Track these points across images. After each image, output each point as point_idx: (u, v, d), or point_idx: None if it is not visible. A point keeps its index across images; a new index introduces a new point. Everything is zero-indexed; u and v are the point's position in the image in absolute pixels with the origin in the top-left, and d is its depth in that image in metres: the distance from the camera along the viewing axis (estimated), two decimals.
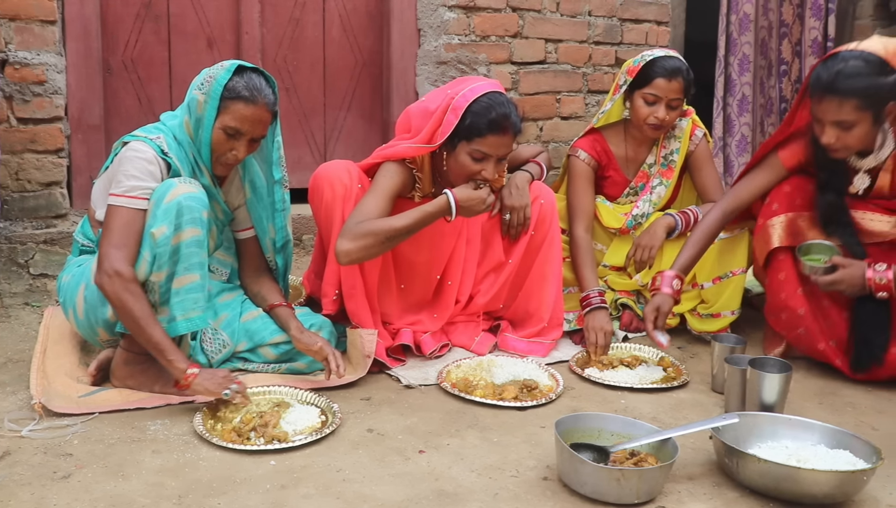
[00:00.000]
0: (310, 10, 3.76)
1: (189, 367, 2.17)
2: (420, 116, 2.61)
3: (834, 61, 2.42)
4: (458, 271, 2.80)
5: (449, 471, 1.98)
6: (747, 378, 2.31)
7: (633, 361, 2.74)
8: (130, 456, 1.99)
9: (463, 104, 2.48)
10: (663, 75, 2.97)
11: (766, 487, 1.87)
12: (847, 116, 2.40)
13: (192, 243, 2.21)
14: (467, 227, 2.79)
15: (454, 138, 2.51)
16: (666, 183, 3.19)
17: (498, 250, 2.85)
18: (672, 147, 3.19)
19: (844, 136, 2.44)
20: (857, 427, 2.30)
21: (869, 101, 2.38)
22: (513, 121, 2.50)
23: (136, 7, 3.43)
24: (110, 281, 2.16)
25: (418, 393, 2.47)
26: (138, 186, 2.23)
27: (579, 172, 3.15)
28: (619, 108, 3.20)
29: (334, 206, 2.61)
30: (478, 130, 2.47)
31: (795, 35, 4.88)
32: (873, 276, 2.49)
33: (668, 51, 3.08)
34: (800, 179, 2.71)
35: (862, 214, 2.62)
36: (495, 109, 2.47)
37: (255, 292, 2.59)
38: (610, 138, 3.21)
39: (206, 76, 2.33)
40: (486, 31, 4.02)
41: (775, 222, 2.69)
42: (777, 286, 2.72)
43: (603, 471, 1.84)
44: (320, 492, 1.86)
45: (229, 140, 2.33)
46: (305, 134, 3.87)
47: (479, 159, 2.51)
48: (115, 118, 3.44)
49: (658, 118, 3.00)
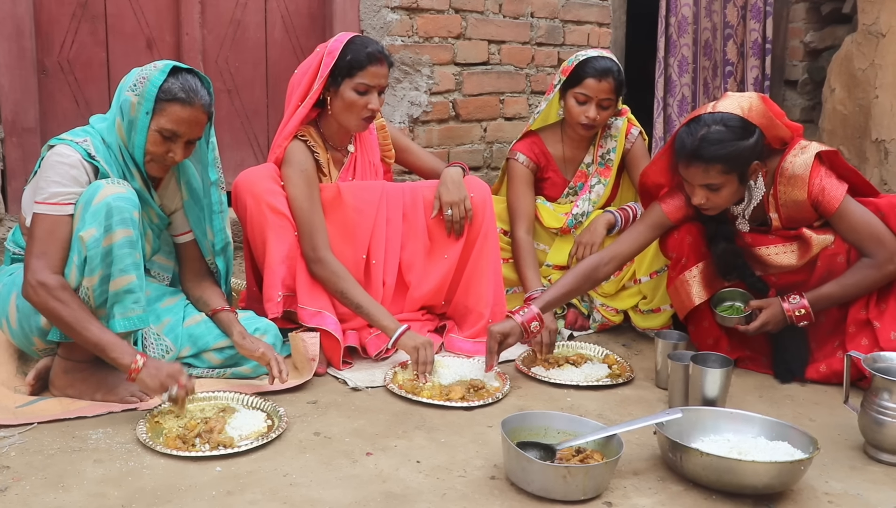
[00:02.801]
0: (251, 11, 3.73)
1: (133, 361, 2.12)
2: (300, 78, 2.76)
3: (697, 126, 2.47)
4: (381, 251, 2.81)
5: (396, 473, 1.98)
6: (690, 374, 2.35)
7: (579, 359, 2.77)
8: (71, 467, 1.94)
9: (338, 46, 2.69)
10: (594, 75, 3.01)
11: (709, 480, 1.91)
12: (713, 179, 2.47)
13: (125, 244, 2.17)
14: (386, 206, 2.83)
15: (336, 79, 2.69)
16: (604, 182, 3.23)
17: (440, 246, 2.87)
18: (609, 146, 3.23)
19: (713, 196, 2.52)
20: (795, 419, 2.36)
21: (733, 164, 2.46)
22: (386, 53, 2.74)
23: (72, 7, 3.35)
24: (35, 292, 2.12)
25: (365, 395, 2.46)
26: (60, 193, 2.18)
27: (518, 174, 3.18)
28: (555, 108, 3.24)
29: (261, 213, 2.66)
30: (359, 63, 2.67)
31: (740, 36, 4.98)
32: (791, 309, 2.56)
33: (601, 51, 3.12)
34: (696, 229, 2.71)
35: (766, 249, 2.66)
36: (370, 45, 2.71)
37: (196, 296, 2.55)
38: (547, 140, 3.25)
39: (139, 77, 2.27)
40: (429, 33, 4.02)
41: (688, 278, 2.72)
42: (704, 333, 2.78)
43: (549, 469, 1.86)
44: (267, 497, 1.84)
45: (165, 142, 2.29)
46: (248, 136, 3.83)
47: (363, 92, 2.68)
48: (52, 121, 3.36)
49: (589, 117, 3.04)
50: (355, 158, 2.90)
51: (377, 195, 2.82)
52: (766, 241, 2.67)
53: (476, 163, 4.30)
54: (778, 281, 2.68)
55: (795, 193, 2.57)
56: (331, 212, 2.76)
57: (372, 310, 2.63)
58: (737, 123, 2.46)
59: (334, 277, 2.65)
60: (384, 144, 3.02)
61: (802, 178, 2.54)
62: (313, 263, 2.67)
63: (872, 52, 4.11)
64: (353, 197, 2.79)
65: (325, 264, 2.66)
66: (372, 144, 2.97)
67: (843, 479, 2.03)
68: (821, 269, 2.62)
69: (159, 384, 2.14)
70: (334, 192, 2.76)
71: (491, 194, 2.95)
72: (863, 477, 2.05)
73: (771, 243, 2.66)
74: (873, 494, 1.96)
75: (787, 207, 2.61)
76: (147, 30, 3.51)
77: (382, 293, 2.82)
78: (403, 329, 2.58)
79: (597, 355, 2.82)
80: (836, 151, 2.61)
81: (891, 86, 4.00)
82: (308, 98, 2.70)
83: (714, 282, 2.71)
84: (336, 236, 2.75)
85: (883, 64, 4.06)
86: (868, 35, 4.11)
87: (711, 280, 2.71)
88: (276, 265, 2.65)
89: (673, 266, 2.78)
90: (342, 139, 2.85)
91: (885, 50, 3.94)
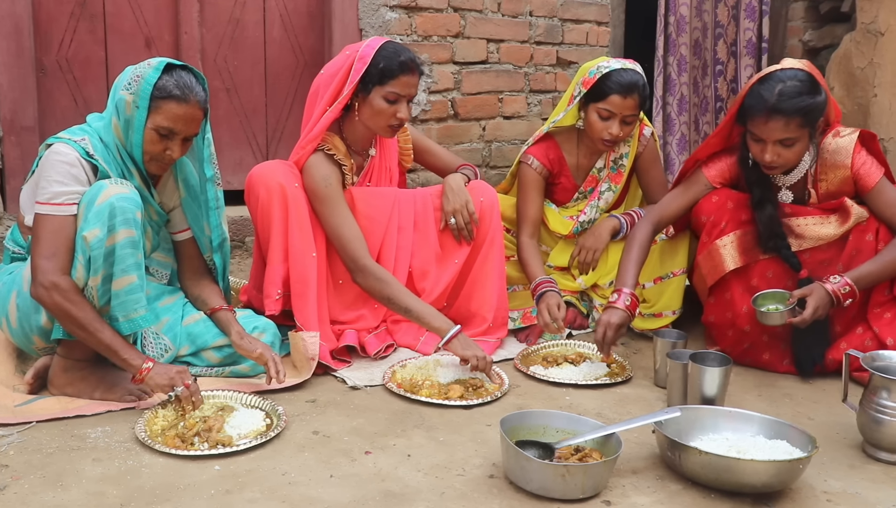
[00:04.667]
0: (250, 9, 3.72)
1: (144, 362, 2.17)
2: (328, 80, 2.72)
3: (772, 82, 2.52)
4: (392, 260, 2.80)
5: (395, 472, 1.98)
6: (688, 373, 2.35)
7: (578, 358, 2.77)
8: (70, 465, 1.94)
9: (370, 52, 2.65)
10: (619, 92, 2.88)
11: (707, 478, 1.91)
12: (792, 133, 2.51)
13: (127, 245, 2.17)
14: (398, 214, 2.82)
15: (367, 85, 2.65)
16: (615, 188, 3.18)
17: (450, 253, 2.87)
18: (622, 151, 3.17)
19: (785, 152, 2.55)
20: (793, 418, 2.36)
21: (810, 117, 2.51)
22: (418, 62, 2.71)
23: (71, 5, 3.35)
24: (48, 294, 2.12)
25: (364, 394, 2.46)
26: (63, 192, 2.18)
27: (530, 179, 3.12)
28: (572, 116, 3.12)
29: (270, 206, 2.64)
30: (390, 71, 2.64)
31: (731, 36, 4.98)
32: (836, 289, 2.55)
33: (624, 62, 2.96)
34: (738, 195, 2.75)
35: (805, 220, 2.69)
36: (402, 53, 2.67)
37: (195, 295, 2.55)
38: (563, 145, 3.16)
39: (133, 75, 2.26)
40: (427, 32, 4.02)
41: (726, 242, 2.72)
42: (724, 306, 2.76)
43: (548, 468, 1.86)
44: (266, 496, 1.84)
45: (163, 140, 2.28)
46: (247, 135, 3.83)
47: (393, 101, 2.66)
48: (51, 119, 3.36)
49: (612, 134, 2.93)
50: (374, 163, 2.88)
51: (389, 203, 2.81)
52: (805, 212, 2.71)
53: (474, 162, 4.30)
54: (809, 258, 2.69)
55: (838, 167, 2.67)
56: None
57: (422, 312, 2.62)
58: (808, 79, 2.52)
59: (379, 283, 2.64)
60: (404, 147, 3.00)
61: (847, 150, 2.65)
62: (356, 273, 2.67)
63: (871, 50, 4.11)
64: (366, 204, 2.78)
65: (367, 272, 2.65)
66: (392, 148, 2.96)
67: (841, 478, 2.03)
68: (850, 246, 2.67)
69: (168, 380, 2.18)
70: (347, 198, 2.75)
71: (498, 199, 2.93)
72: (861, 476, 2.05)
73: (810, 215, 2.70)
74: (872, 493, 1.96)
75: (828, 181, 2.69)
76: (146, 29, 3.51)
77: None
78: (455, 331, 2.55)
79: (596, 353, 2.82)
80: (874, 135, 2.72)
81: (889, 84, 4.00)
82: (337, 102, 2.67)
83: (750, 251, 2.71)
84: None
85: (881, 63, 4.06)
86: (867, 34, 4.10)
87: (747, 249, 2.71)
88: (278, 263, 2.65)
89: (708, 231, 2.76)
90: (365, 143, 2.83)
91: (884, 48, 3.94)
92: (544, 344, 2.89)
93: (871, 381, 2.15)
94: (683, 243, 2.99)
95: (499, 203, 2.92)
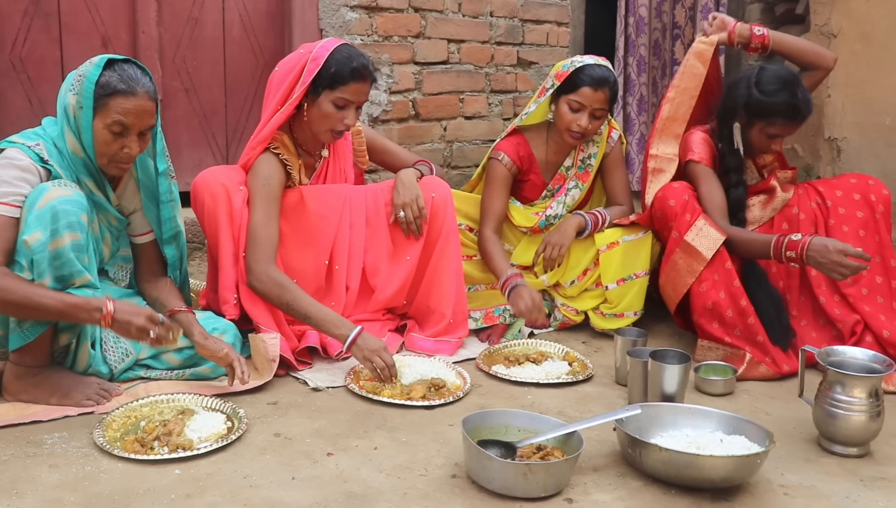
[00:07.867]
0: (209, 9, 3.69)
1: (102, 306, 2.10)
2: (281, 78, 2.69)
3: (797, 88, 2.78)
4: (345, 256, 2.79)
5: (358, 473, 1.97)
6: (649, 370, 2.37)
7: (539, 356, 2.78)
8: (25, 472, 1.91)
9: (323, 54, 2.62)
10: (590, 84, 2.93)
11: (668, 474, 1.94)
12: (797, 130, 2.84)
13: (73, 248, 2.12)
14: (349, 211, 2.81)
15: (317, 88, 2.62)
16: (581, 187, 3.21)
17: (402, 248, 2.86)
18: (590, 151, 3.20)
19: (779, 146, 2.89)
20: (751, 413, 2.40)
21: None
22: (371, 70, 2.67)
23: (24, 3, 3.29)
24: None
25: (326, 395, 2.45)
26: (10, 193, 2.13)
27: (498, 175, 3.12)
28: (543, 110, 3.16)
29: (217, 211, 2.63)
30: (341, 77, 2.60)
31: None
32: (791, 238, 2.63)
33: (598, 59, 3.03)
34: (688, 186, 2.89)
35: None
36: (356, 59, 2.63)
37: (154, 297, 2.52)
38: (532, 141, 3.18)
39: (76, 76, 2.22)
40: (388, 32, 4.01)
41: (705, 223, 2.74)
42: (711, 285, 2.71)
43: (510, 466, 1.87)
44: (227, 500, 1.83)
45: (117, 138, 2.23)
46: (206, 135, 3.79)
47: (342, 107, 2.64)
48: (4, 120, 3.29)
49: (581, 126, 2.97)
50: (328, 164, 2.87)
51: (341, 200, 2.80)
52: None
53: (436, 162, 4.29)
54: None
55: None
56: (293, 217, 2.73)
57: (321, 319, 2.53)
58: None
59: (277, 288, 2.55)
60: (359, 149, 2.99)
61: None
62: (251, 275, 2.58)
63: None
64: (317, 202, 2.76)
65: (265, 276, 2.56)
66: (346, 149, 2.95)
67: (798, 471, 2.06)
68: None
69: (144, 321, 2.13)
70: (297, 197, 2.74)
71: (452, 195, 2.93)
72: (817, 469, 2.09)
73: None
74: (826, 485, 2.00)
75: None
76: (102, 28, 3.46)
77: (346, 298, 2.81)
78: (354, 335, 2.47)
79: (557, 352, 2.84)
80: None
81: (842, 85, 4.07)
82: (288, 104, 2.65)
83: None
84: (298, 241, 2.73)
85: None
86: (820, 35, 4.17)
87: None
88: (229, 267, 2.63)
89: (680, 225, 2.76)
90: (316, 144, 2.82)
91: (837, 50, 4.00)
92: (506, 344, 2.90)
93: (827, 376, 2.19)
94: (646, 246, 3.02)
95: (452, 199, 2.92)
